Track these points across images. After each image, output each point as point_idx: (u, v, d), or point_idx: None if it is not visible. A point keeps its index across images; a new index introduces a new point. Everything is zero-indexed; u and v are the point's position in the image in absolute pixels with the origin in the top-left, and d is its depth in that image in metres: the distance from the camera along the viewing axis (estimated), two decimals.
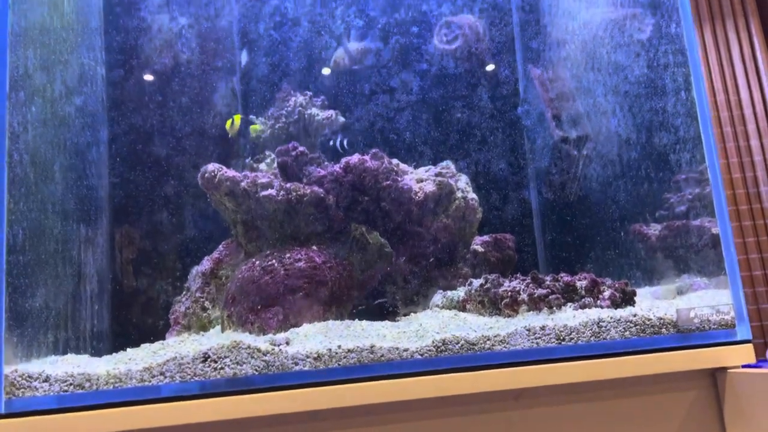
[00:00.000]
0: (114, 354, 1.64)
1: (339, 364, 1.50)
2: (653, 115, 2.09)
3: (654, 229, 2.38)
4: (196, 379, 1.45)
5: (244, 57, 2.36)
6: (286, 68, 2.59)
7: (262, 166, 2.53)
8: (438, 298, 2.03)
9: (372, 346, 1.52)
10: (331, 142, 2.24)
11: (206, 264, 2.08)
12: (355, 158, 2.00)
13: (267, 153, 2.60)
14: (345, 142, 2.17)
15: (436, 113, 2.39)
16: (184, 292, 2.12)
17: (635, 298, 1.82)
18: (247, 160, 2.58)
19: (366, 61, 2.57)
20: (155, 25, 2.34)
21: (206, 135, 2.46)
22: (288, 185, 1.96)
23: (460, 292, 1.98)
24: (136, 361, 1.50)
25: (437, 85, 2.37)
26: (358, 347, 1.51)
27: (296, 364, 1.49)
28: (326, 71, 2.69)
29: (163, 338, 2.02)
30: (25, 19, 1.61)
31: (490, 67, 2.52)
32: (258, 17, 2.52)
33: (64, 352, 1.77)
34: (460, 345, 1.56)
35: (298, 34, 2.47)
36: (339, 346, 1.51)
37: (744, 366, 1.63)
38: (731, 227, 1.80)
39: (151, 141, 2.32)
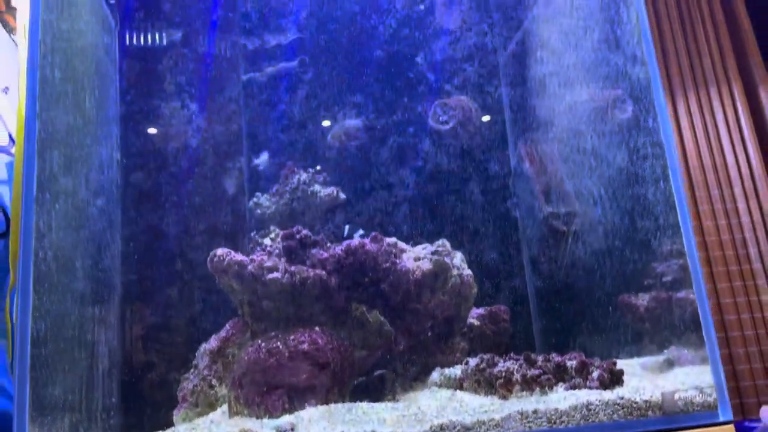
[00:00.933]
0: None
1: None
2: (635, 200, 2.21)
3: (642, 299, 2.48)
4: None
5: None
6: (292, 148, 2.74)
7: (267, 240, 2.65)
8: (436, 375, 2.12)
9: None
10: (345, 233, 2.37)
11: (214, 342, 2.18)
12: (355, 242, 2.12)
13: (272, 228, 2.72)
14: (356, 233, 2.31)
15: (432, 192, 2.53)
16: (192, 370, 2.21)
17: (623, 378, 1.91)
18: (252, 234, 2.70)
19: (362, 135, 2.73)
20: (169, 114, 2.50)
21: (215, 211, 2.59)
22: (292, 268, 2.07)
23: (457, 371, 2.08)
24: None
25: (432, 179, 2.52)
26: None
27: None
28: (330, 149, 2.84)
29: (172, 416, 2.11)
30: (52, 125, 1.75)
31: (480, 143, 2.67)
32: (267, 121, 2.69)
33: None
34: (456, 430, 1.64)
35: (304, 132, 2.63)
36: None
37: (741, 422, 1.71)
38: (722, 288, 1.89)
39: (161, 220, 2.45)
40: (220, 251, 2.12)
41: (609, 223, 2.42)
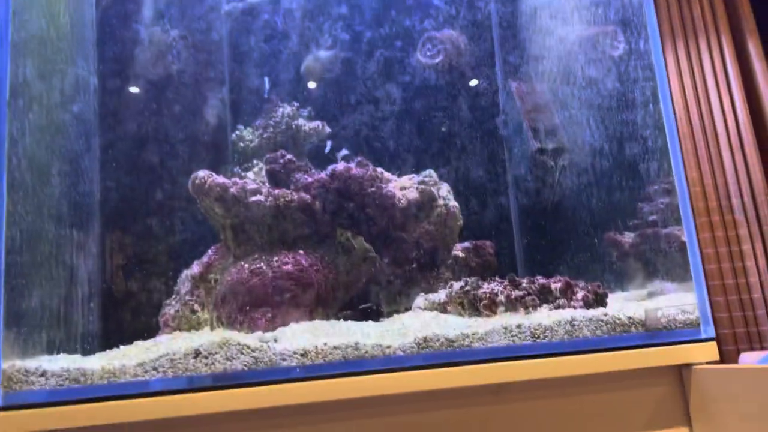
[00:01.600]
0: (107, 351, 1.69)
1: (325, 360, 1.57)
2: (624, 127, 2.20)
3: (627, 237, 2.49)
4: (188, 374, 1.51)
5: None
6: (275, 79, 2.67)
7: (250, 174, 2.60)
8: (420, 300, 2.11)
9: (356, 343, 1.59)
10: (327, 149, 2.31)
11: (196, 268, 2.14)
12: (341, 166, 2.09)
13: (255, 162, 2.67)
14: (339, 153, 2.25)
15: (419, 124, 2.49)
16: (173, 296, 2.18)
17: (606, 300, 1.91)
18: (235, 169, 2.65)
19: (335, 68, 2.66)
20: (148, 36, 2.41)
21: (197, 143, 2.53)
22: (276, 191, 2.04)
23: (441, 295, 2.06)
24: (129, 357, 1.55)
25: (420, 96, 2.46)
26: (343, 344, 1.59)
27: (284, 360, 1.56)
28: (312, 84, 2.78)
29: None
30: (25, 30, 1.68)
31: (468, 77, 2.63)
32: (248, 31, 2.61)
33: (57, 352, 1.82)
34: (440, 342, 1.63)
35: (286, 47, 2.56)
36: (325, 343, 1.58)
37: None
38: (704, 237, 1.90)
39: (142, 148, 2.38)
40: (201, 173, 2.07)
41: (597, 159, 2.40)
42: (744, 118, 4.23)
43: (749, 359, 3.79)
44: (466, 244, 2.46)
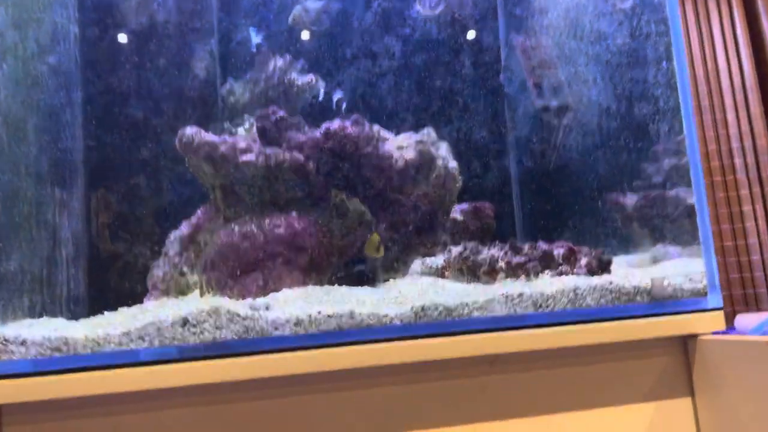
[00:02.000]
0: (91, 317, 1.63)
1: (319, 329, 1.51)
2: (633, 84, 2.10)
3: (630, 199, 2.41)
4: (176, 343, 1.45)
5: None
6: (267, 31, 2.53)
7: (240, 130, 2.49)
8: (417, 265, 2.04)
9: (352, 312, 1.53)
10: (320, 97, 2.20)
11: (184, 229, 2.07)
12: (335, 124, 1.99)
13: (245, 117, 2.56)
14: (339, 101, 2.13)
15: (417, 79, 2.37)
16: (161, 257, 2.10)
17: (611, 267, 1.85)
18: (225, 125, 2.54)
19: (325, 19, 2.52)
20: None
21: (184, 97, 2.41)
22: (268, 150, 1.94)
23: (439, 260, 2.00)
24: (114, 325, 1.49)
25: (418, 51, 2.34)
26: (337, 312, 1.52)
27: (276, 329, 1.49)
28: (306, 35, 2.64)
29: (141, 303, 2.01)
30: None
31: (469, 30, 2.50)
32: None
33: (40, 316, 1.76)
34: (438, 311, 1.57)
35: None
36: (319, 312, 1.52)
37: (714, 333, 1.68)
38: (705, 198, 1.82)
39: (127, 103, 2.27)
40: (189, 130, 1.97)
41: (603, 118, 2.31)
42: (751, 78, 4.12)
43: (745, 321, 3.79)
44: (465, 206, 2.38)
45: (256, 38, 2.23)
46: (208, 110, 2.50)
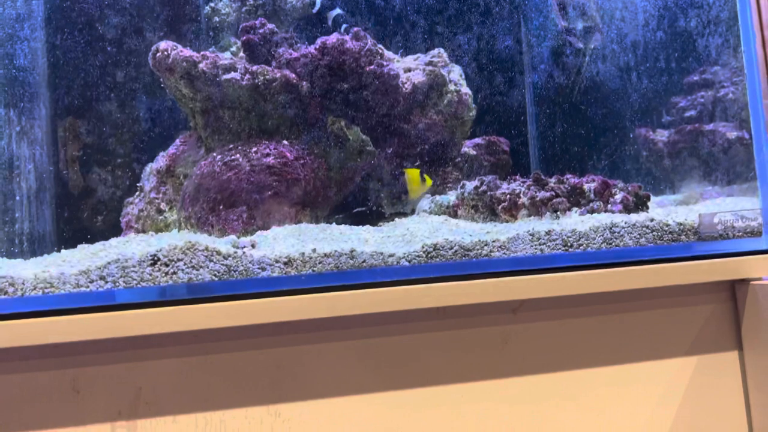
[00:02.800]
0: (45, 256, 1.40)
1: (313, 270, 1.28)
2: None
3: (662, 135, 2.17)
4: (144, 284, 1.22)
5: None
6: None
7: (227, 54, 2.22)
8: (425, 203, 1.81)
9: (352, 251, 1.30)
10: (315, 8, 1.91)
11: (161, 161, 1.82)
12: (333, 38, 1.72)
13: (233, 40, 2.28)
14: (337, 18, 1.86)
15: None
16: (137, 193, 1.86)
17: (648, 204, 1.61)
18: (210, 49, 2.26)
19: None
20: None
21: (164, 15, 2.13)
22: (254, 68, 1.68)
23: (451, 197, 1.77)
24: (71, 264, 1.26)
25: None
26: (335, 251, 1.30)
27: (263, 269, 1.27)
28: None
29: None
30: None
31: None
32: None
33: None
34: (453, 250, 1.35)
35: None
36: (314, 250, 1.29)
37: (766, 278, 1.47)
38: (765, 127, 1.58)
39: (98, 16, 1.99)
40: (163, 44, 1.70)
41: (638, 38, 2.04)
42: None
43: None
44: (478, 140, 2.13)
45: None
46: (191, 31, 2.22)
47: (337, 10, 1.85)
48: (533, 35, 2.22)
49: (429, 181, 1.72)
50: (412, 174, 1.72)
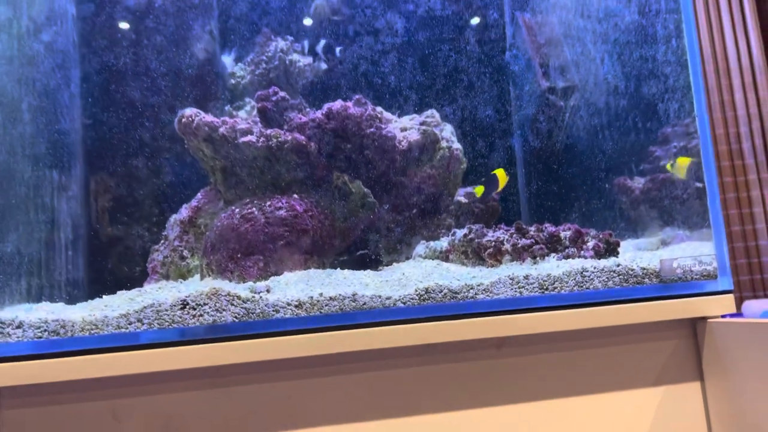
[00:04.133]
0: (89, 301, 1.60)
1: (321, 312, 1.48)
2: (642, 63, 2.05)
3: (638, 182, 2.37)
4: (175, 326, 1.42)
5: None
6: (267, 10, 2.48)
7: (242, 113, 2.45)
8: (421, 248, 2.01)
9: (354, 294, 1.50)
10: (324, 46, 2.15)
11: (184, 212, 2.03)
12: (337, 104, 1.94)
13: (247, 100, 2.52)
14: (328, 47, 2.09)
15: (421, 60, 2.32)
16: (162, 241, 2.07)
17: (618, 249, 1.81)
18: (226, 108, 2.50)
19: (345, 9, 2.47)
20: None
21: (184, 79, 2.37)
22: (268, 131, 1.90)
23: (444, 243, 1.97)
24: (112, 308, 1.46)
25: (422, 29, 2.29)
26: (340, 295, 1.49)
27: (277, 311, 1.46)
28: (307, 21, 2.59)
29: (141, 287, 1.98)
30: None
31: (475, 20, 2.45)
32: None
33: (39, 301, 1.73)
34: (443, 293, 1.54)
35: None
36: (321, 294, 1.49)
37: (723, 316, 1.65)
38: (716, 179, 1.78)
39: (126, 83, 2.23)
40: (188, 111, 1.93)
41: (611, 99, 2.26)
42: (759, 59, 4.05)
43: (753, 306, 3.73)
44: (469, 188, 2.35)
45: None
46: (208, 92, 2.46)
47: (322, 42, 2.08)
48: (518, 93, 2.44)
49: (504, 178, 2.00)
50: (501, 173, 1.99)
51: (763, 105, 4.13)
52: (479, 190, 2.11)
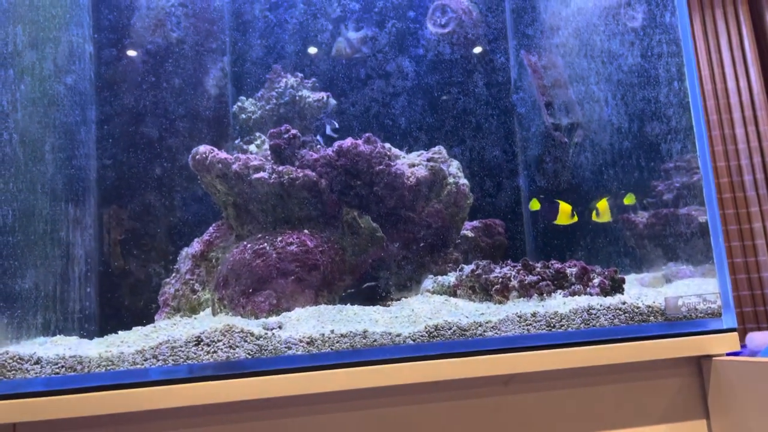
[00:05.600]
0: (105, 337, 1.63)
1: (332, 349, 1.51)
2: (645, 104, 2.10)
3: (642, 217, 2.41)
4: (189, 362, 1.45)
5: None
6: (279, 50, 2.55)
7: (252, 147, 2.51)
8: (429, 283, 2.04)
9: (365, 331, 1.53)
10: (325, 128, 2.22)
11: (196, 246, 2.07)
12: (347, 142, 1.99)
13: (257, 135, 2.58)
14: (332, 126, 2.15)
15: (429, 99, 2.38)
16: (173, 274, 2.11)
17: (624, 286, 1.84)
18: (236, 141, 2.55)
19: (365, 48, 2.53)
20: (146, 2, 2.29)
21: (197, 115, 2.43)
22: (280, 168, 1.95)
23: (451, 278, 2.00)
24: (128, 344, 1.49)
25: (431, 71, 2.36)
26: (350, 332, 1.52)
27: (289, 348, 1.49)
28: (313, 50, 2.66)
29: (153, 320, 2.01)
30: None
31: (481, 51, 2.51)
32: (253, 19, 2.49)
33: (54, 334, 1.76)
34: (452, 331, 1.57)
35: (293, 15, 2.43)
36: (332, 331, 1.52)
37: (728, 354, 1.67)
38: (719, 217, 1.82)
39: (141, 121, 2.28)
40: (202, 148, 1.98)
41: (615, 137, 2.31)
42: (760, 94, 4.11)
43: (756, 338, 3.74)
44: (476, 222, 2.38)
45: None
46: (220, 128, 2.52)
47: (333, 124, 2.15)
48: (524, 131, 2.50)
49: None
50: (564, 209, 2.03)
51: (763, 139, 4.19)
52: (602, 205, 2.12)
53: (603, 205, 2.05)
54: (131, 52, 2.31)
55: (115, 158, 2.21)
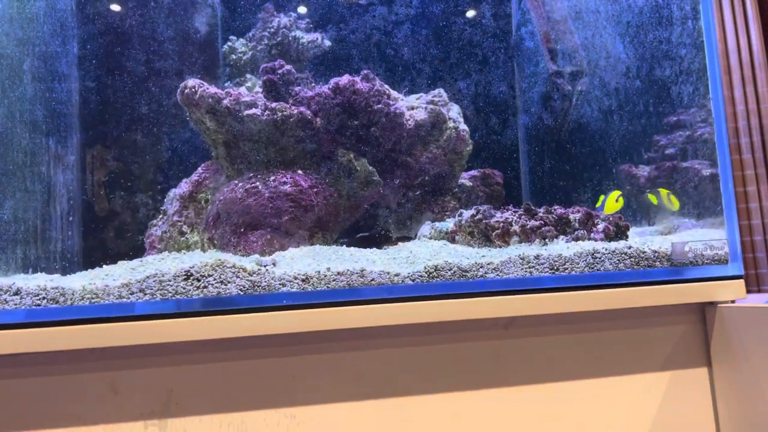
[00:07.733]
0: (89, 270, 1.55)
1: (328, 287, 1.44)
2: (653, 47, 2.03)
3: (643, 170, 2.35)
4: (178, 297, 1.37)
5: None
6: None
7: (243, 90, 2.40)
8: (426, 229, 1.97)
9: (362, 270, 1.46)
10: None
11: (184, 187, 1.98)
12: (344, 79, 1.90)
13: (248, 77, 2.47)
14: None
15: (428, 38, 2.29)
16: (160, 216, 2.02)
17: (628, 233, 1.79)
18: (226, 84, 2.45)
19: None
20: None
21: (185, 53, 2.31)
22: (273, 105, 1.85)
23: (449, 223, 1.93)
24: (113, 277, 1.41)
25: (431, 4, 2.25)
26: (348, 270, 1.46)
27: (283, 285, 1.42)
28: None
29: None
30: None
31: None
32: None
33: (34, 271, 1.68)
34: (452, 272, 1.51)
35: None
36: (328, 269, 1.45)
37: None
38: (730, 164, 1.76)
39: (126, 51, 2.17)
40: (191, 82, 1.88)
41: (621, 83, 2.23)
42: (759, 55, 4.05)
43: (751, 300, 3.73)
44: (474, 172, 2.32)
45: None
46: (209, 68, 2.41)
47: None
48: (525, 78, 2.41)
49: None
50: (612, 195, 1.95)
51: (762, 101, 4.14)
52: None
53: (664, 192, 1.97)
54: None
55: (100, 90, 2.09)
